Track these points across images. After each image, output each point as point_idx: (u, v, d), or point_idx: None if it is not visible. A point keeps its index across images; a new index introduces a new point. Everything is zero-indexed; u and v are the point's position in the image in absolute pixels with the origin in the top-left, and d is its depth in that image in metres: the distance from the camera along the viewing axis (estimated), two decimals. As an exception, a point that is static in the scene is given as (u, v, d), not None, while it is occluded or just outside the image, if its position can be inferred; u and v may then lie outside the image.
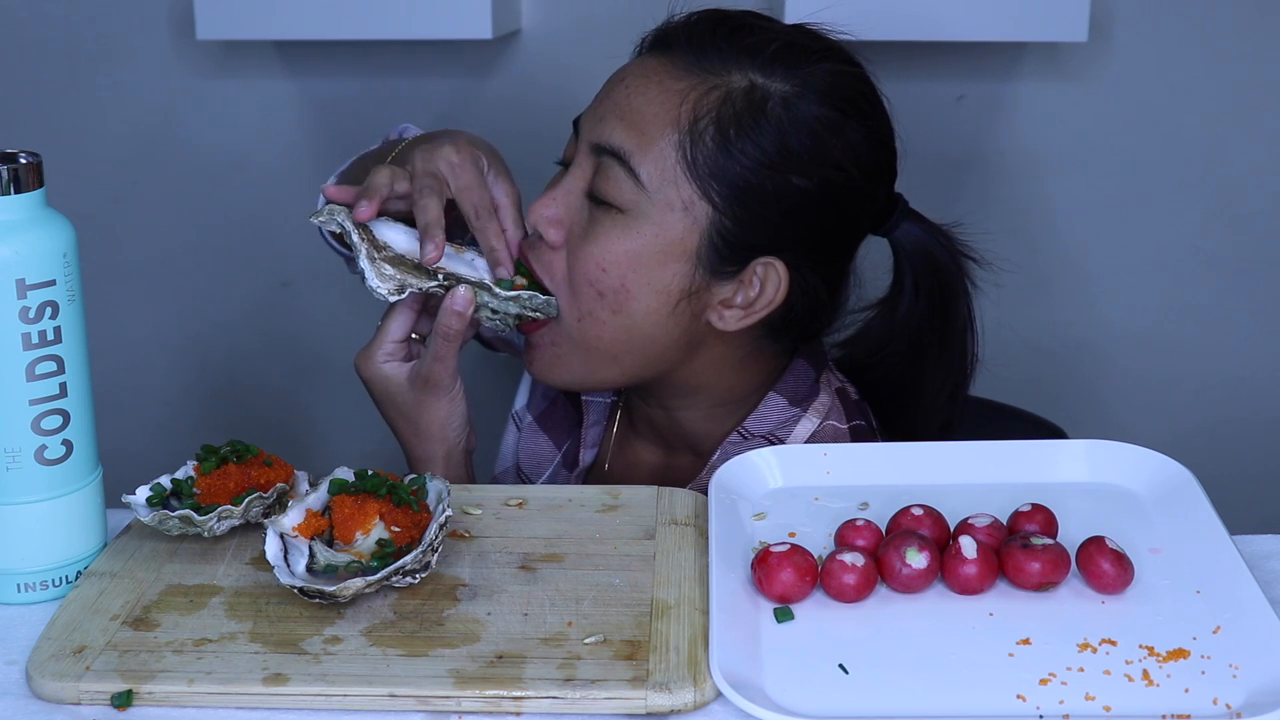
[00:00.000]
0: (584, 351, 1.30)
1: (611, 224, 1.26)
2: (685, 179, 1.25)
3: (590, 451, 1.44)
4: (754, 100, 1.25)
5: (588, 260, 1.27)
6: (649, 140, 1.25)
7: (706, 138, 1.24)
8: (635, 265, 1.26)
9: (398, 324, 1.29)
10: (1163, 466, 1.15)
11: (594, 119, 1.30)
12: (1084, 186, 2.24)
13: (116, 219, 2.34)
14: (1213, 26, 2.16)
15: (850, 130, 1.27)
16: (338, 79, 2.27)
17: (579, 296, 1.28)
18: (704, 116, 1.25)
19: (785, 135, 1.25)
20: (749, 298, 1.29)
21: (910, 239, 1.35)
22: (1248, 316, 2.29)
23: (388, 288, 1.18)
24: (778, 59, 1.26)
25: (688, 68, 1.27)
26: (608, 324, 1.28)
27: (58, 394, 1.06)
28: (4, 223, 1.02)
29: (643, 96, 1.27)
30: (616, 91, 1.29)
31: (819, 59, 1.28)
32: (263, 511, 1.12)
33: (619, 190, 1.26)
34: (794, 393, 1.35)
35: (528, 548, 1.11)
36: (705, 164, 1.24)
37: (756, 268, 1.28)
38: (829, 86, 1.27)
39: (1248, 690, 0.92)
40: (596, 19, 2.18)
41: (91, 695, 0.95)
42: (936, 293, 1.36)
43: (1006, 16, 2.01)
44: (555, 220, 1.28)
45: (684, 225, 1.26)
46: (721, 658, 0.94)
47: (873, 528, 1.07)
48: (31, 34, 2.28)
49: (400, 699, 0.94)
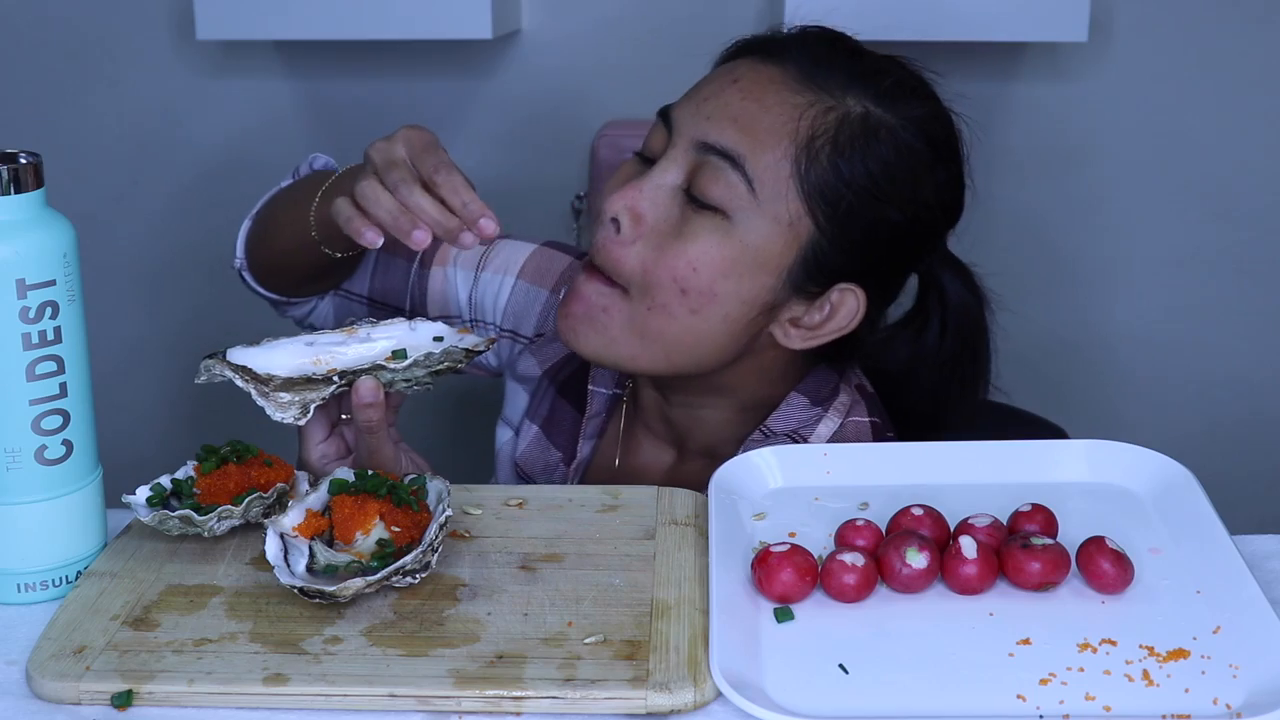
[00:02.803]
0: (638, 336, 1.27)
1: (712, 226, 1.24)
2: (795, 193, 1.24)
3: (588, 444, 1.42)
4: (868, 127, 1.25)
5: (678, 258, 1.24)
6: (764, 148, 1.24)
7: (822, 156, 1.24)
8: (728, 271, 1.25)
9: (314, 429, 1.24)
10: (1163, 466, 1.15)
11: (698, 115, 1.27)
12: (1084, 186, 2.24)
13: (116, 219, 2.34)
14: (1213, 26, 2.17)
15: (940, 171, 1.29)
16: (338, 79, 2.27)
17: (657, 289, 1.25)
18: (821, 135, 1.24)
19: (891, 166, 1.25)
20: (817, 320, 1.29)
21: (950, 288, 1.36)
22: (1248, 316, 2.29)
23: (292, 414, 1.15)
24: (890, 92, 1.27)
25: (804, 82, 1.26)
26: (679, 320, 1.26)
27: (58, 394, 1.05)
28: (4, 223, 1.02)
29: (758, 103, 1.25)
30: (727, 92, 1.27)
31: (923, 97, 1.30)
32: (263, 511, 1.12)
33: (728, 193, 1.24)
34: (816, 393, 1.34)
35: (528, 548, 1.11)
36: (816, 182, 1.24)
37: (834, 293, 1.28)
38: (929, 125, 1.29)
39: (1248, 690, 0.92)
40: (596, 19, 2.18)
41: (91, 695, 0.95)
42: (965, 334, 1.38)
43: (1006, 16, 2.01)
44: (639, 213, 1.26)
45: (785, 240, 1.25)
46: (721, 658, 0.94)
47: (873, 528, 1.07)
48: (31, 34, 2.28)
49: (400, 699, 0.94)
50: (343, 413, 1.25)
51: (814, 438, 1.32)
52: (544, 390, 1.48)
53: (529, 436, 1.47)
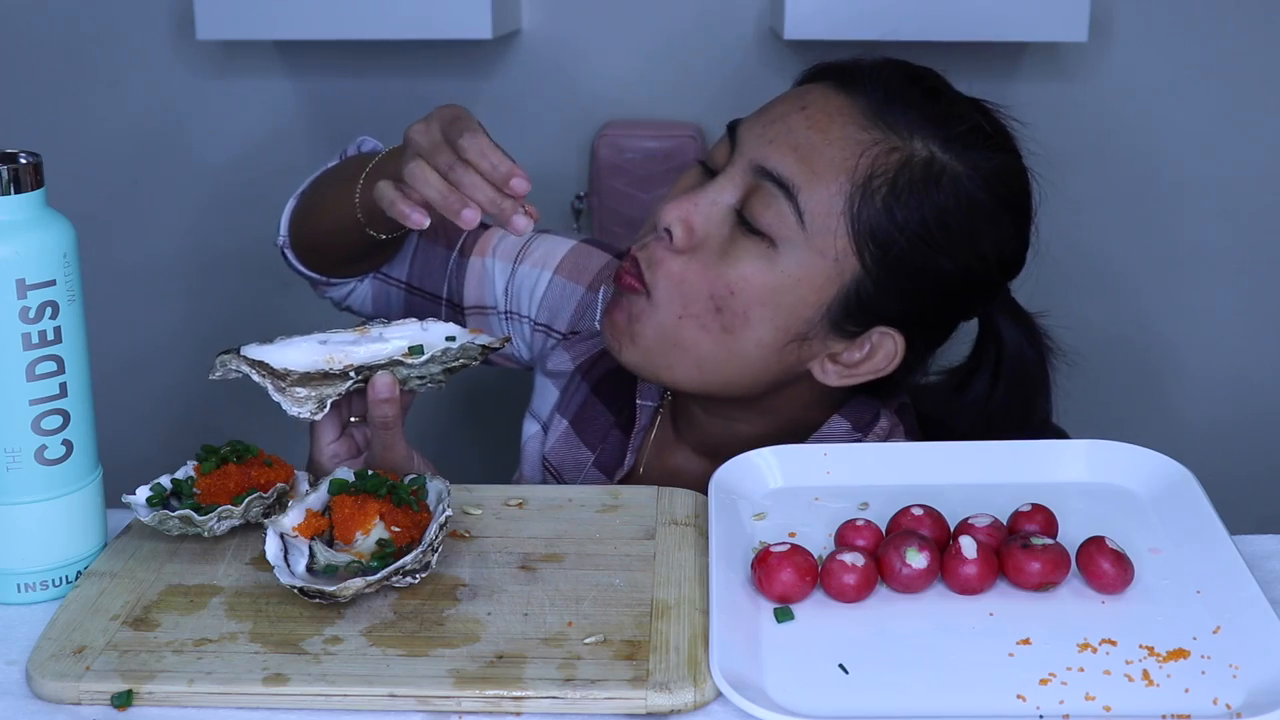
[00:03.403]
0: (671, 346, 1.27)
1: (757, 252, 1.24)
2: (845, 231, 1.23)
3: (634, 455, 1.42)
4: (931, 173, 1.23)
5: (719, 279, 1.24)
6: (820, 181, 1.23)
7: (877, 197, 1.22)
8: (766, 299, 1.24)
9: (325, 428, 1.23)
10: (1163, 466, 1.15)
11: (761, 138, 1.26)
12: (1083, 186, 2.24)
13: (116, 219, 2.34)
14: (1213, 26, 2.16)
15: (1003, 225, 1.27)
16: (338, 79, 2.27)
17: (692, 300, 1.25)
18: (880, 175, 1.22)
19: (948, 215, 1.24)
20: (855, 360, 1.28)
21: (1008, 336, 1.35)
22: (1248, 316, 2.29)
23: (309, 409, 1.15)
24: (962, 138, 1.25)
25: (873, 118, 1.24)
26: (710, 335, 1.26)
27: (58, 394, 1.05)
28: (4, 223, 1.02)
29: (822, 134, 1.24)
30: (793, 118, 1.25)
31: (996, 148, 1.27)
32: (263, 511, 1.12)
33: (778, 222, 1.23)
34: (858, 418, 1.33)
35: (528, 548, 1.11)
36: (868, 222, 1.22)
37: (874, 334, 1.27)
38: (997, 178, 1.26)
39: (1248, 690, 0.92)
40: (596, 19, 2.18)
41: (91, 695, 0.95)
42: (1019, 386, 1.36)
43: (1006, 16, 2.01)
44: (692, 226, 1.25)
45: (827, 275, 1.24)
46: (721, 658, 0.94)
47: (873, 528, 1.07)
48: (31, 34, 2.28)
49: (400, 699, 0.94)
50: (352, 415, 1.25)
51: None
52: (576, 385, 1.47)
53: (558, 432, 1.46)
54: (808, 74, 1.33)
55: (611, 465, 1.43)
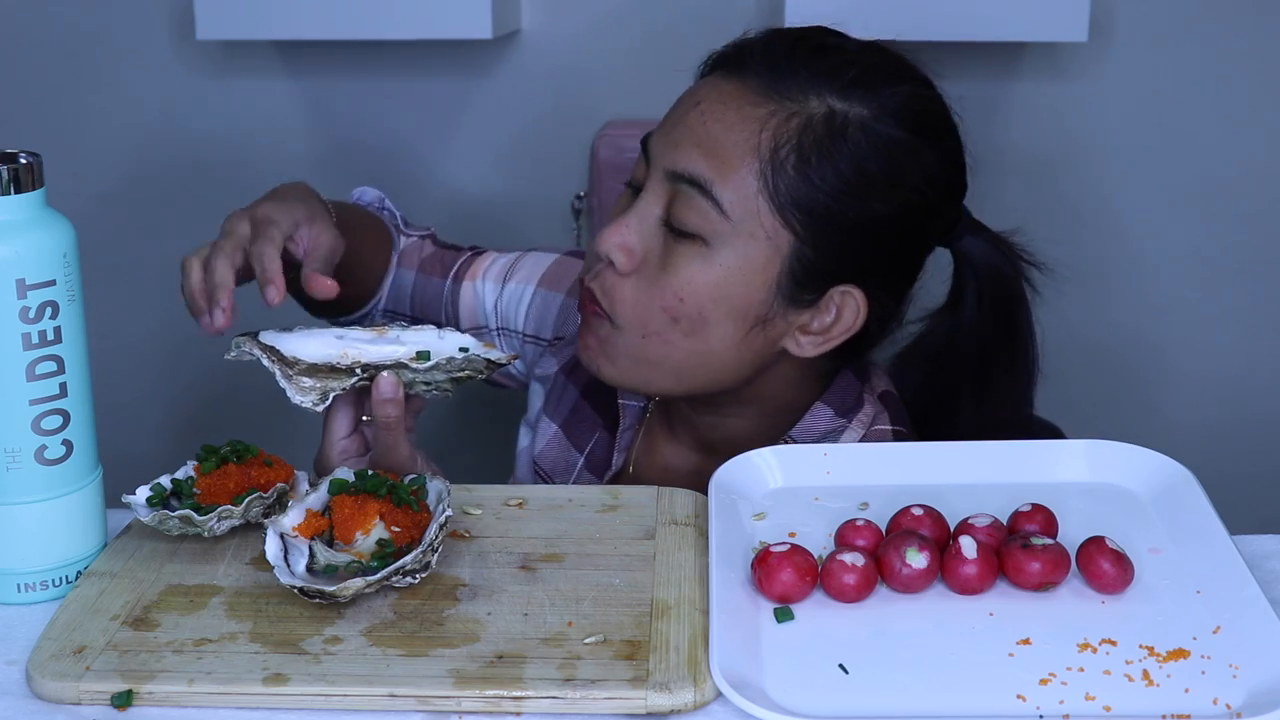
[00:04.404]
0: (644, 364, 1.29)
1: (693, 254, 1.25)
2: (767, 208, 1.23)
3: (622, 455, 1.43)
4: (834, 127, 1.23)
5: (665, 290, 1.25)
6: (730, 169, 1.23)
7: (788, 166, 1.23)
8: (715, 296, 1.25)
9: (338, 423, 1.24)
10: (1163, 466, 1.15)
11: (667, 144, 1.27)
12: (1083, 186, 2.24)
13: (116, 219, 2.34)
14: (1213, 26, 2.16)
15: (926, 152, 1.27)
16: (338, 79, 2.27)
17: (650, 319, 1.27)
18: (785, 144, 1.23)
19: (864, 161, 1.24)
20: (825, 324, 1.28)
21: (975, 251, 1.34)
22: (1247, 316, 2.29)
23: (311, 400, 1.16)
24: (856, 83, 1.25)
25: (765, 92, 1.24)
26: (678, 345, 1.27)
27: (58, 394, 1.05)
28: (4, 223, 1.02)
29: (720, 123, 1.24)
30: (691, 116, 1.26)
31: (896, 81, 1.27)
32: (263, 511, 1.12)
33: (702, 220, 1.24)
34: (841, 403, 1.34)
35: (528, 548, 1.11)
36: (787, 192, 1.23)
37: (834, 295, 1.27)
38: (906, 110, 1.26)
39: (1248, 690, 0.92)
40: (596, 19, 2.18)
41: (91, 695, 0.95)
42: (1002, 303, 1.35)
43: (1006, 16, 2.01)
44: (630, 248, 1.27)
45: (765, 255, 1.24)
46: (721, 658, 0.94)
47: (873, 528, 1.07)
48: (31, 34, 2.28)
49: (400, 699, 0.94)
50: (364, 414, 1.26)
51: None
52: (562, 387, 1.48)
53: (547, 435, 1.47)
54: (702, 70, 1.33)
55: (600, 466, 1.43)
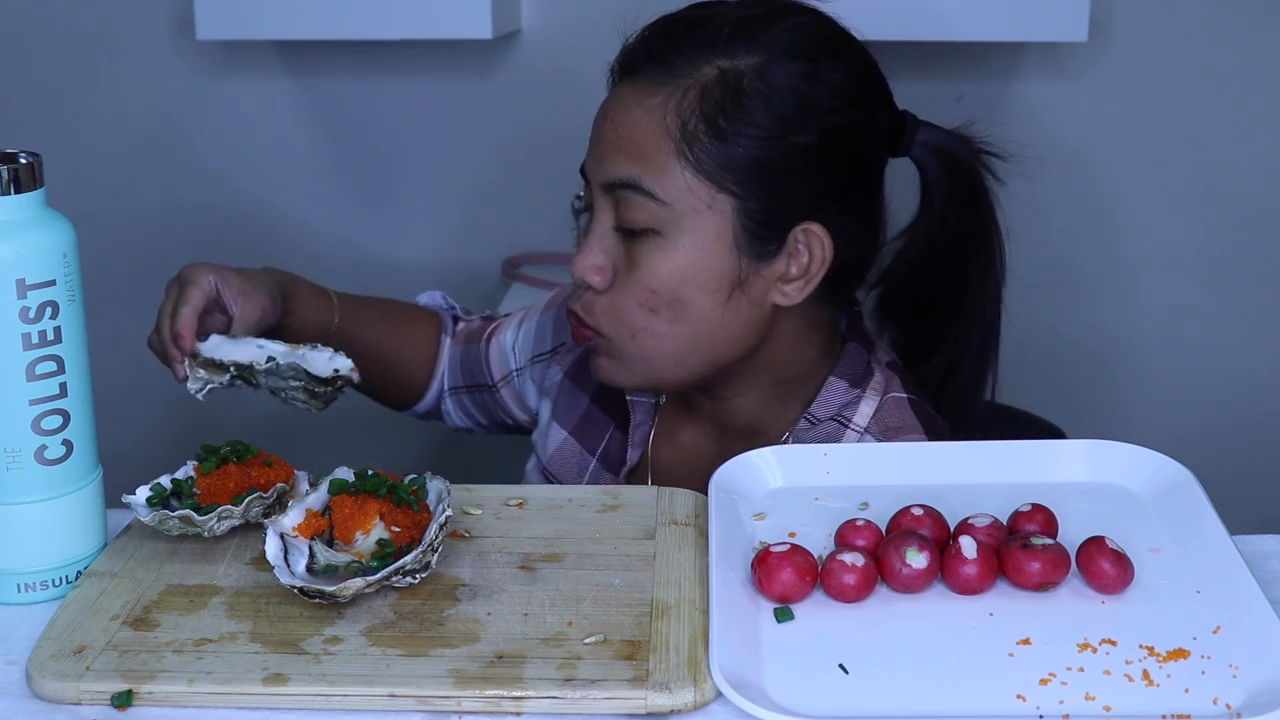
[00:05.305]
0: (643, 361, 1.33)
1: (651, 247, 1.29)
2: (697, 181, 1.27)
3: (637, 450, 1.44)
4: (728, 85, 1.27)
5: (638, 287, 1.29)
6: (652, 160, 1.27)
7: (700, 135, 1.26)
8: (683, 277, 1.28)
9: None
10: (1163, 466, 1.15)
11: (594, 162, 1.33)
12: (1083, 186, 2.24)
13: (116, 219, 2.34)
14: (1213, 26, 2.17)
15: (827, 73, 1.29)
16: (338, 79, 2.27)
17: (633, 318, 1.30)
18: (690, 118, 1.27)
19: (770, 104, 1.27)
20: (802, 267, 1.31)
21: (929, 147, 1.36)
22: (1248, 316, 2.29)
23: (194, 387, 1.27)
24: (735, 38, 1.28)
25: (657, 81, 1.29)
26: (667, 334, 1.30)
27: (58, 394, 1.05)
28: (4, 223, 1.02)
29: (628, 124, 1.29)
30: (604, 129, 1.32)
31: (774, 21, 1.30)
32: (263, 511, 1.12)
33: (646, 214, 1.28)
34: (852, 374, 1.37)
35: (528, 548, 1.11)
36: (710, 160, 1.26)
37: (797, 236, 1.30)
38: (792, 43, 1.29)
39: (1248, 690, 0.92)
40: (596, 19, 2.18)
41: (91, 695, 0.95)
42: (965, 192, 1.38)
43: (1006, 16, 2.01)
44: (599, 267, 1.31)
45: (714, 222, 1.28)
46: (721, 658, 0.94)
47: (873, 528, 1.07)
48: (31, 34, 2.28)
49: (400, 699, 0.94)
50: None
51: (857, 417, 1.34)
52: (569, 394, 1.50)
53: (557, 440, 1.49)
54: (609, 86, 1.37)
55: (615, 464, 1.44)
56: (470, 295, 2.41)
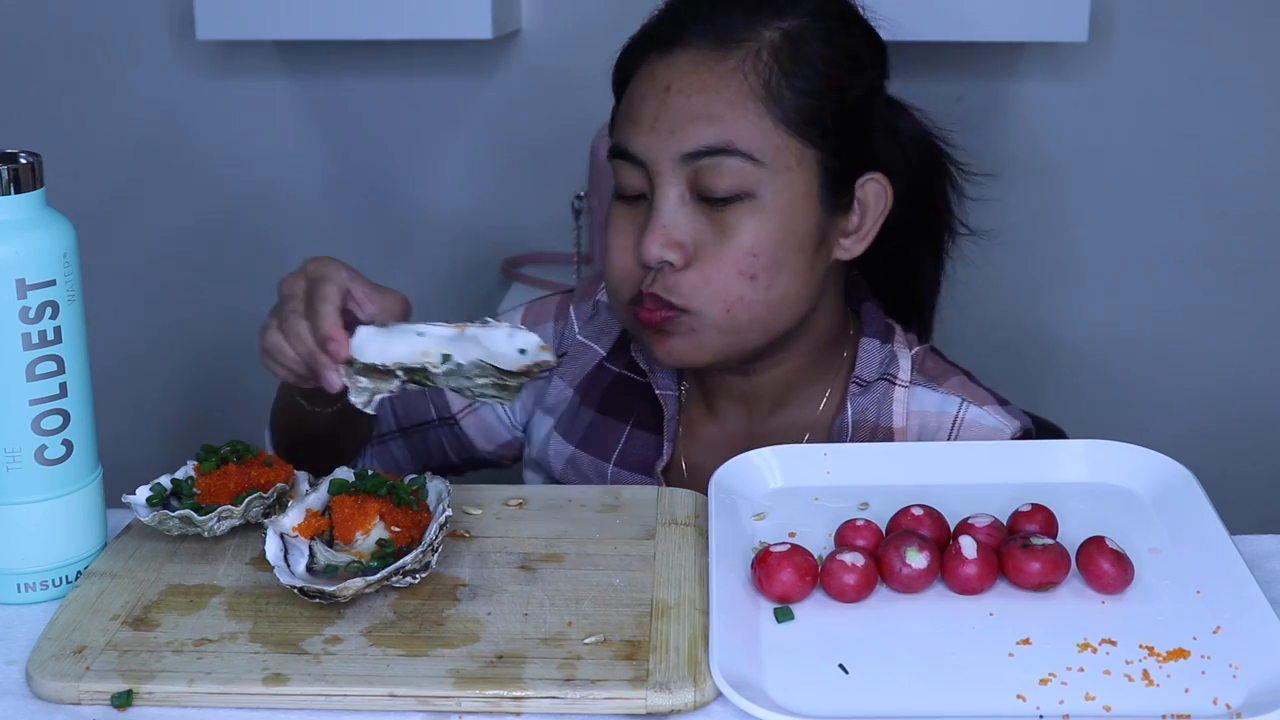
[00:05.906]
0: (731, 333, 1.31)
1: (744, 211, 1.28)
2: (788, 137, 1.28)
3: (671, 444, 1.42)
4: (793, 42, 1.30)
5: (736, 254, 1.28)
6: (741, 122, 1.28)
7: (784, 91, 1.28)
8: (782, 238, 1.29)
9: None
10: (1163, 466, 1.15)
11: (661, 135, 1.28)
12: (1084, 186, 2.24)
13: (116, 219, 2.34)
14: (1213, 26, 2.17)
15: (857, 32, 1.35)
16: (338, 79, 2.27)
17: (729, 289, 1.29)
18: (771, 76, 1.28)
19: (828, 59, 1.30)
20: (861, 219, 1.34)
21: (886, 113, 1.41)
22: (1248, 316, 2.29)
23: (360, 400, 1.12)
24: (781, 3, 1.32)
25: (721, 46, 1.29)
26: (760, 300, 1.30)
27: (58, 394, 1.05)
28: (4, 223, 1.02)
29: (702, 92, 1.28)
30: (672, 101, 1.29)
31: None
32: (263, 511, 1.12)
33: (739, 178, 1.27)
34: (878, 331, 1.40)
35: (528, 548, 1.11)
36: (795, 114, 1.28)
37: (863, 186, 1.33)
38: (823, 6, 1.34)
39: (1248, 690, 0.92)
40: (596, 19, 2.18)
41: (91, 695, 0.95)
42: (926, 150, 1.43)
43: (1006, 16, 2.01)
44: (676, 243, 1.28)
45: (804, 178, 1.30)
46: (721, 658, 0.94)
47: (873, 528, 1.07)
48: (31, 34, 2.28)
49: (400, 699, 0.94)
50: None
51: (901, 373, 1.37)
52: (574, 409, 1.46)
53: (563, 457, 1.44)
54: (628, 66, 1.35)
55: (646, 464, 1.42)
56: (470, 295, 2.41)
